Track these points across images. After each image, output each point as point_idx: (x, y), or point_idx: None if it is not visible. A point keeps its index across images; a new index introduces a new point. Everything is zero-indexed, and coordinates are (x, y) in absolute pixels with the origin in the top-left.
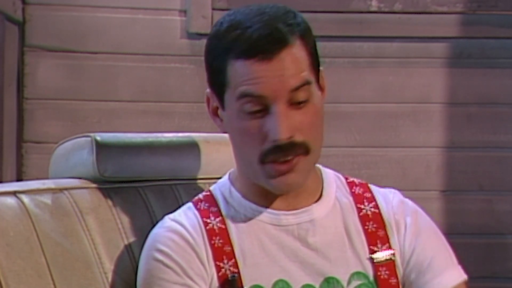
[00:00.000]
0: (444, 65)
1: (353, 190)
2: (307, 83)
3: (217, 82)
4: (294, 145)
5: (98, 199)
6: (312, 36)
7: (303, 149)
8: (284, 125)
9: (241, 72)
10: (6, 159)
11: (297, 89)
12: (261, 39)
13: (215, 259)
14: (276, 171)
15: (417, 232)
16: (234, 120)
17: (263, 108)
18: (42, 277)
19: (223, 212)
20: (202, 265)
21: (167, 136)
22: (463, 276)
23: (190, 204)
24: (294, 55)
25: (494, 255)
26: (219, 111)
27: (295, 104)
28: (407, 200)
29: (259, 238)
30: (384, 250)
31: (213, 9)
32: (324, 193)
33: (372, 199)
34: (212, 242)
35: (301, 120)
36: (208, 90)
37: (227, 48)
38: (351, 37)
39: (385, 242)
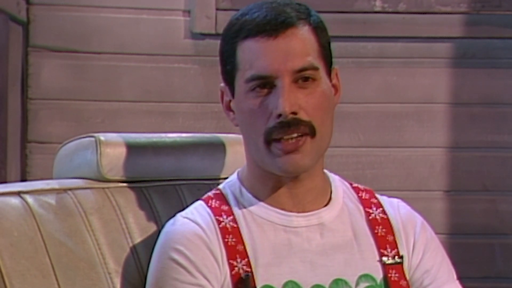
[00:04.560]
0: (448, 65)
1: (359, 195)
2: (313, 67)
3: (228, 69)
4: (299, 122)
5: (102, 199)
6: (326, 34)
7: (308, 128)
8: (286, 99)
9: (248, 50)
10: (10, 159)
11: (302, 70)
12: (267, 19)
13: (228, 258)
14: (281, 149)
15: (425, 244)
16: (242, 102)
17: (269, 86)
18: (46, 277)
19: (234, 211)
20: (216, 263)
21: (171, 136)
22: None
23: (200, 201)
24: (301, 37)
25: (498, 255)
26: (231, 104)
27: (300, 83)
28: (414, 211)
29: (269, 239)
30: (393, 254)
31: (217, 9)
32: (332, 197)
33: (379, 205)
34: (226, 240)
35: (306, 99)
36: (222, 84)
37: (236, 32)
38: (355, 37)
39: (394, 247)
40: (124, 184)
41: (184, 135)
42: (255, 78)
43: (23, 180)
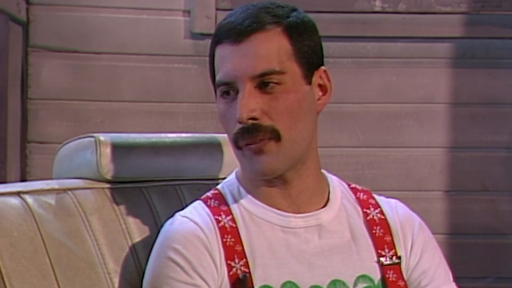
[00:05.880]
0: (448, 65)
1: (357, 196)
2: (277, 72)
3: (211, 73)
4: (258, 128)
5: (101, 200)
6: (309, 35)
7: (270, 133)
8: (244, 105)
9: (218, 56)
10: (10, 159)
11: (263, 75)
12: (234, 25)
13: (226, 258)
14: (249, 151)
15: (423, 245)
16: (217, 106)
17: (234, 91)
18: (46, 277)
19: (233, 210)
20: (213, 263)
21: (171, 137)
22: None
23: (199, 201)
24: (266, 41)
25: (498, 255)
26: None
27: (264, 88)
28: (412, 212)
29: (267, 239)
30: (391, 255)
31: (217, 9)
32: (330, 197)
33: (377, 205)
34: (224, 240)
35: (270, 104)
36: None
37: (213, 37)
38: (355, 37)
39: (392, 248)
40: (124, 184)
41: (184, 135)
42: (220, 83)
43: (23, 180)
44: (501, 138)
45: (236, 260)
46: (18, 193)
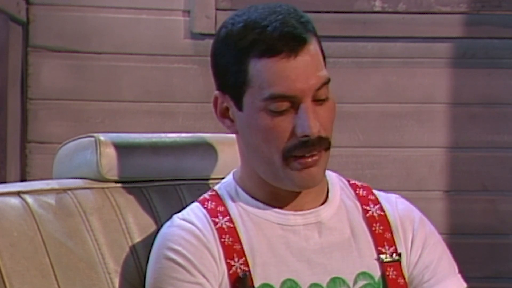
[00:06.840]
0: (448, 65)
1: (357, 192)
2: (328, 81)
3: (234, 83)
4: (321, 140)
5: (101, 200)
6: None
7: (326, 144)
8: (314, 121)
9: (266, 70)
10: (10, 159)
11: (320, 88)
12: (283, 37)
13: (226, 257)
14: (301, 164)
15: (424, 239)
16: (257, 119)
17: (291, 106)
18: (46, 277)
19: (230, 211)
20: (214, 262)
21: (171, 137)
22: (464, 285)
23: (196, 203)
24: (313, 52)
25: (498, 255)
26: (230, 112)
27: (318, 101)
28: (412, 206)
29: (266, 238)
30: (391, 251)
31: (217, 9)
32: (330, 195)
33: (377, 201)
34: (222, 240)
35: (324, 115)
36: (216, 92)
37: (247, 48)
38: (355, 37)
39: (392, 244)
40: (124, 184)
41: (183, 135)
42: (277, 96)
43: (23, 180)
44: (501, 138)
45: (236, 259)
46: (18, 193)
